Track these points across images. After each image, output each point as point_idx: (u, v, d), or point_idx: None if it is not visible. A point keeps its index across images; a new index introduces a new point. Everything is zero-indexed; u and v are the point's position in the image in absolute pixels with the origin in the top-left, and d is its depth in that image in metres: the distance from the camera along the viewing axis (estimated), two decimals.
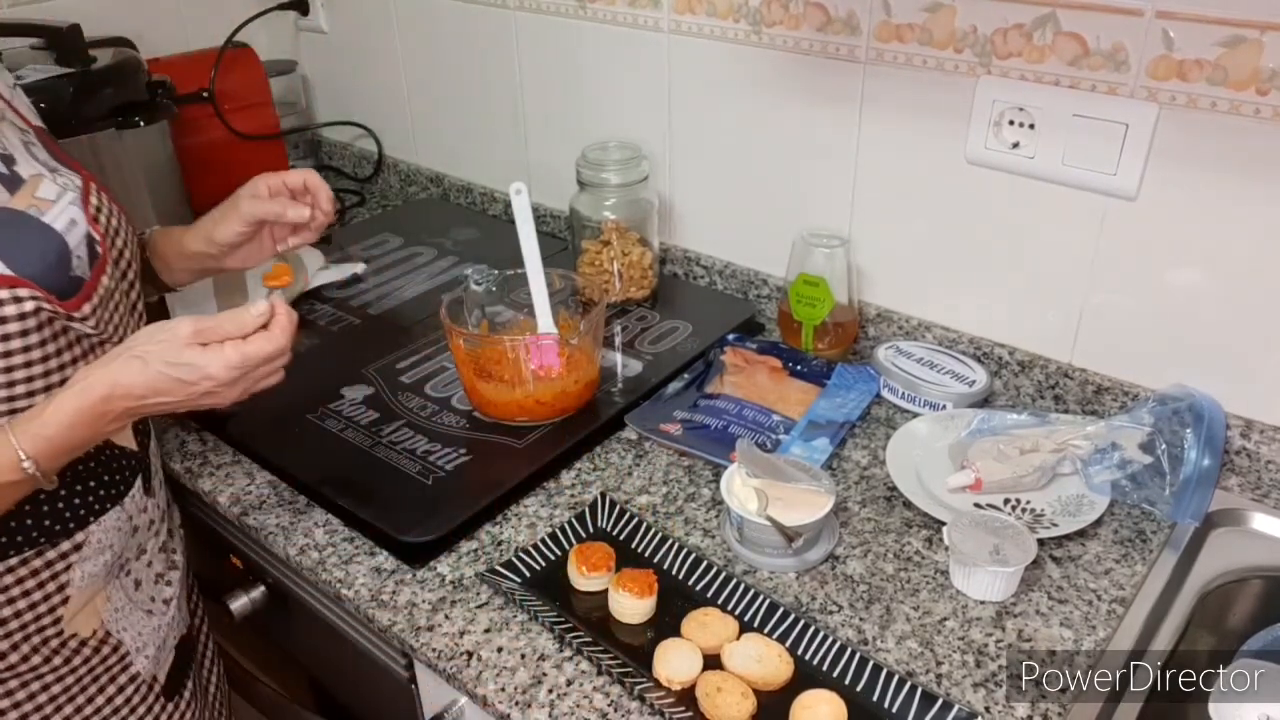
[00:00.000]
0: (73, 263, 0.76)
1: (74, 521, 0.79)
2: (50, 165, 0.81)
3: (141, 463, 0.86)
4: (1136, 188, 0.94)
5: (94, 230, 0.79)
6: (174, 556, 0.94)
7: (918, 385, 1.07)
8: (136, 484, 0.85)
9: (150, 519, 0.89)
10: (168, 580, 0.92)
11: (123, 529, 0.84)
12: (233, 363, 0.73)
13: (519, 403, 1.02)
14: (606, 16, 1.28)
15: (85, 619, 0.83)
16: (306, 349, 1.21)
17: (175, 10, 1.63)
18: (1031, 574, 0.85)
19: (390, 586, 0.87)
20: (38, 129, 0.85)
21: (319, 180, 0.93)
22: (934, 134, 1.05)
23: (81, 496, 0.79)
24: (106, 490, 0.81)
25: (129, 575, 0.87)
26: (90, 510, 0.80)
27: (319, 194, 0.93)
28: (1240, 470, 0.98)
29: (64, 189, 0.78)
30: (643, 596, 0.81)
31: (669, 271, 1.38)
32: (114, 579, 0.85)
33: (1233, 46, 0.85)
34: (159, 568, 0.91)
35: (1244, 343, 0.94)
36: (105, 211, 0.82)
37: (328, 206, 0.94)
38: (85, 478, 0.79)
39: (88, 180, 0.82)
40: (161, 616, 0.90)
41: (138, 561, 0.88)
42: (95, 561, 0.81)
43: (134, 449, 0.85)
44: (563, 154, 1.32)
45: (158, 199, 1.44)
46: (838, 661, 0.77)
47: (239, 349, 0.73)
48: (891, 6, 1.03)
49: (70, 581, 0.80)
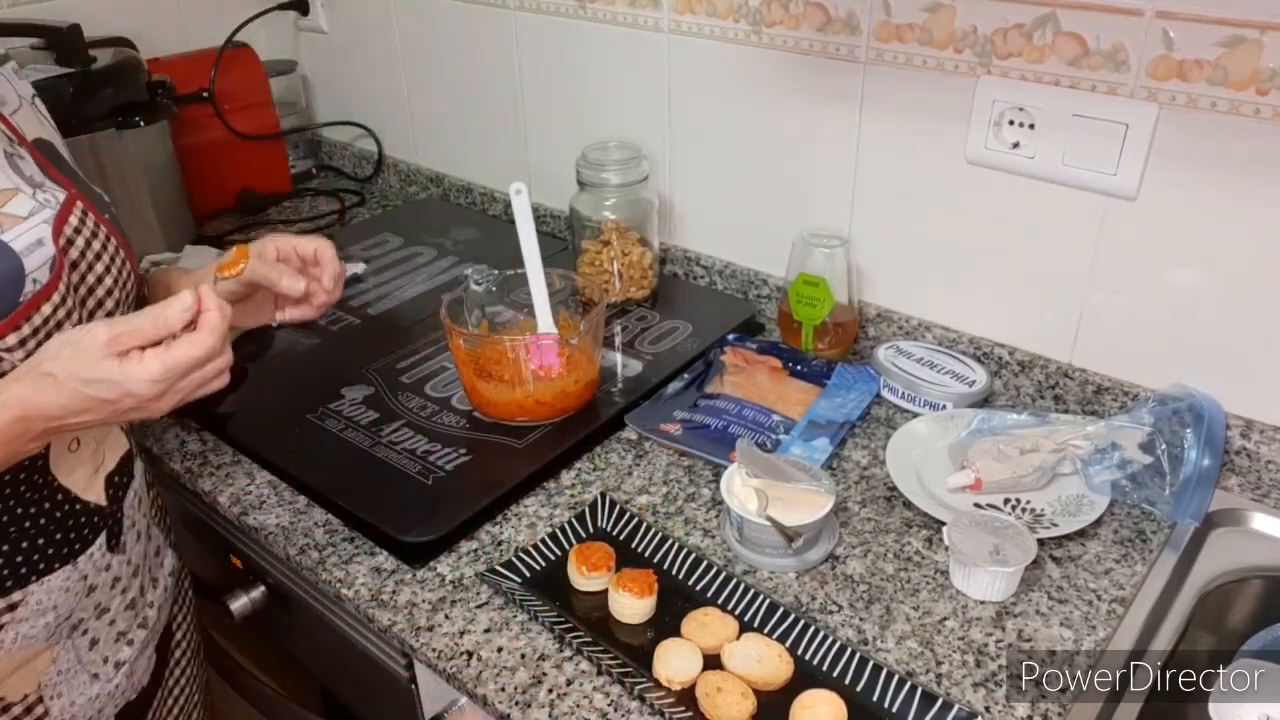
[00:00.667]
0: (26, 285, 0.68)
1: (11, 579, 0.72)
2: (35, 180, 0.74)
3: (110, 518, 0.79)
4: (1136, 188, 0.94)
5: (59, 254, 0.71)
6: (146, 613, 0.86)
7: (918, 385, 1.07)
8: (98, 541, 0.78)
9: (115, 576, 0.81)
10: (129, 639, 0.84)
11: (73, 589, 0.76)
12: (154, 375, 0.65)
13: (519, 403, 1.02)
14: (606, 16, 1.28)
15: (18, 682, 0.75)
16: (306, 349, 1.21)
17: (175, 10, 1.63)
18: (1031, 574, 0.85)
19: (390, 586, 0.87)
20: (35, 142, 0.78)
21: (331, 254, 0.85)
22: (934, 134, 1.05)
23: (25, 554, 0.72)
24: (56, 549, 0.74)
25: (84, 635, 0.79)
26: (33, 568, 0.73)
27: (326, 269, 0.85)
28: (1240, 470, 0.98)
29: (42, 206, 0.72)
30: (643, 596, 0.81)
31: (669, 271, 1.38)
32: (63, 640, 0.78)
33: (1233, 46, 0.85)
34: (122, 626, 0.83)
35: (1244, 343, 0.94)
36: (86, 234, 0.74)
37: (330, 285, 0.86)
38: (31, 533, 0.72)
39: (71, 199, 0.74)
40: (107, 683, 0.83)
41: (97, 621, 0.80)
42: (33, 623, 0.74)
43: (100, 503, 0.78)
44: (563, 154, 1.31)
45: (158, 199, 1.44)
46: (838, 661, 0.77)
47: (160, 359, 0.65)
48: (891, 6, 1.03)
49: (1, 644, 0.73)
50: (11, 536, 0.72)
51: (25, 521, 0.72)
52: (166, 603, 0.92)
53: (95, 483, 0.78)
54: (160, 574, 0.91)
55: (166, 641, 0.93)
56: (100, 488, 0.79)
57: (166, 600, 0.92)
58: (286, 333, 1.24)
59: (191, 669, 0.99)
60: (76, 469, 0.77)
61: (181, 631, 0.97)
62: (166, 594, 0.92)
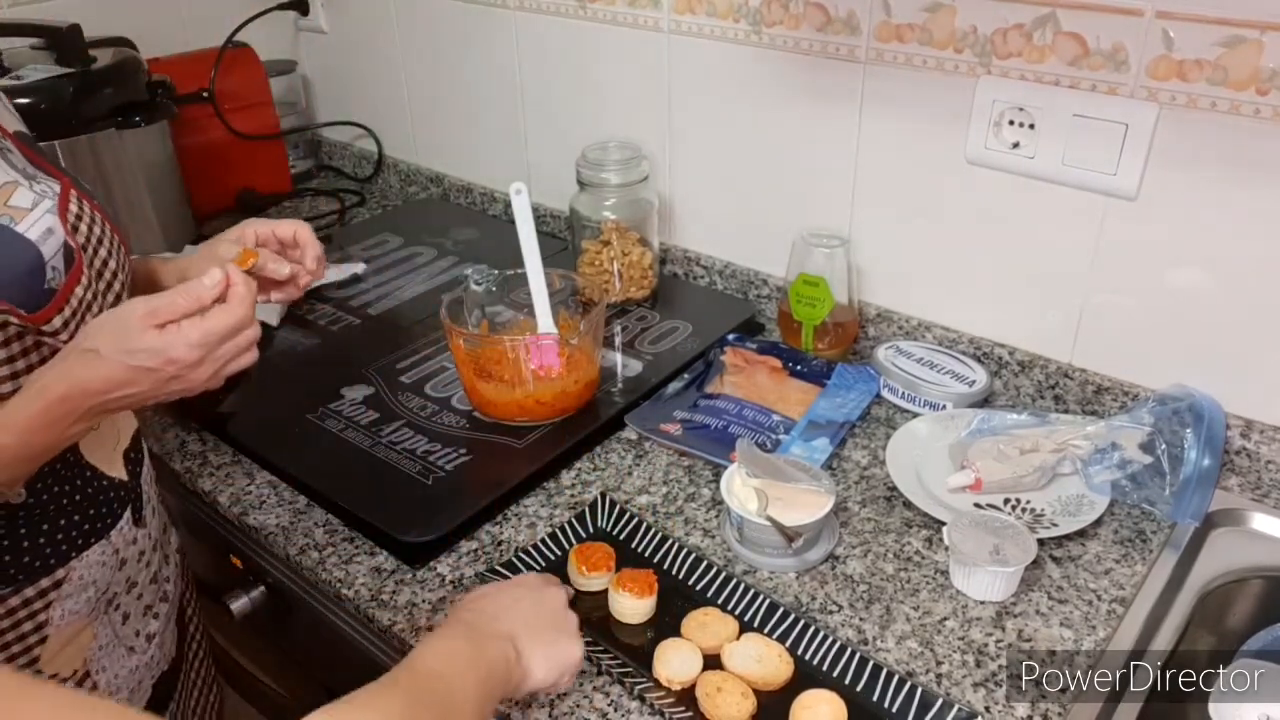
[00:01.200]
0: (47, 274, 0.71)
1: (54, 557, 0.74)
2: (28, 172, 0.76)
3: (132, 493, 0.82)
4: (1136, 188, 0.94)
5: (70, 239, 0.73)
6: (165, 587, 0.90)
7: (918, 385, 1.07)
8: (125, 515, 0.81)
9: (140, 550, 0.84)
10: (155, 613, 0.87)
11: (108, 563, 0.79)
12: (193, 340, 0.67)
13: (519, 403, 1.02)
14: (606, 16, 1.28)
15: (68, 658, 0.78)
16: (306, 349, 1.21)
17: (175, 10, 1.63)
18: (1031, 574, 0.85)
19: (390, 586, 0.87)
20: (16, 135, 0.79)
21: (310, 235, 0.86)
22: (934, 134, 1.05)
23: (64, 530, 0.75)
24: (91, 524, 0.77)
25: (118, 610, 0.82)
26: (73, 545, 0.76)
27: (307, 250, 0.86)
28: (1240, 470, 0.98)
29: (41, 196, 0.74)
30: (643, 596, 0.81)
31: (669, 271, 1.38)
32: (101, 615, 0.80)
33: (1233, 46, 0.85)
34: (148, 600, 0.86)
35: (1244, 343, 0.94)
36: (86, 220, 0.76)
37: (314, 265, 0.87)
38: (69, 510, 0.75)
39: (66, 187, 0.77)
40: (142, 655, 0.86)
41: (128, 596, 0.83)
42: (77, 599, 0.77)
43: (123, 479, 0.81)
44: (563, 154, 1.31)
45: (158, 199, 1.44)
46: (838, 661, 0.77)
47: (198, 325, 0.68)
48: (891, 6, 1.03)
49: (49, 620, 0.76)
50: (52, 515, 0.74)
51: (63, 499, 0.74)
52: (178, 578, 0.95)
53: (116, 459, 0.80)
54: (170, 550, 0.93)
55: (182, 616, 0.96)
56: (120, 464, 0.81)
57: (178, 575, 0.95)
58: (286, 333, 1.24)
59: (205, 642, 1.03)
60: (99, 447, 0.79)
61: (192, 607, 0.99)
62: (177, 569, 0.95)
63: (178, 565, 0.95)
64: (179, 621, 0.94)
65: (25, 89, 1.27)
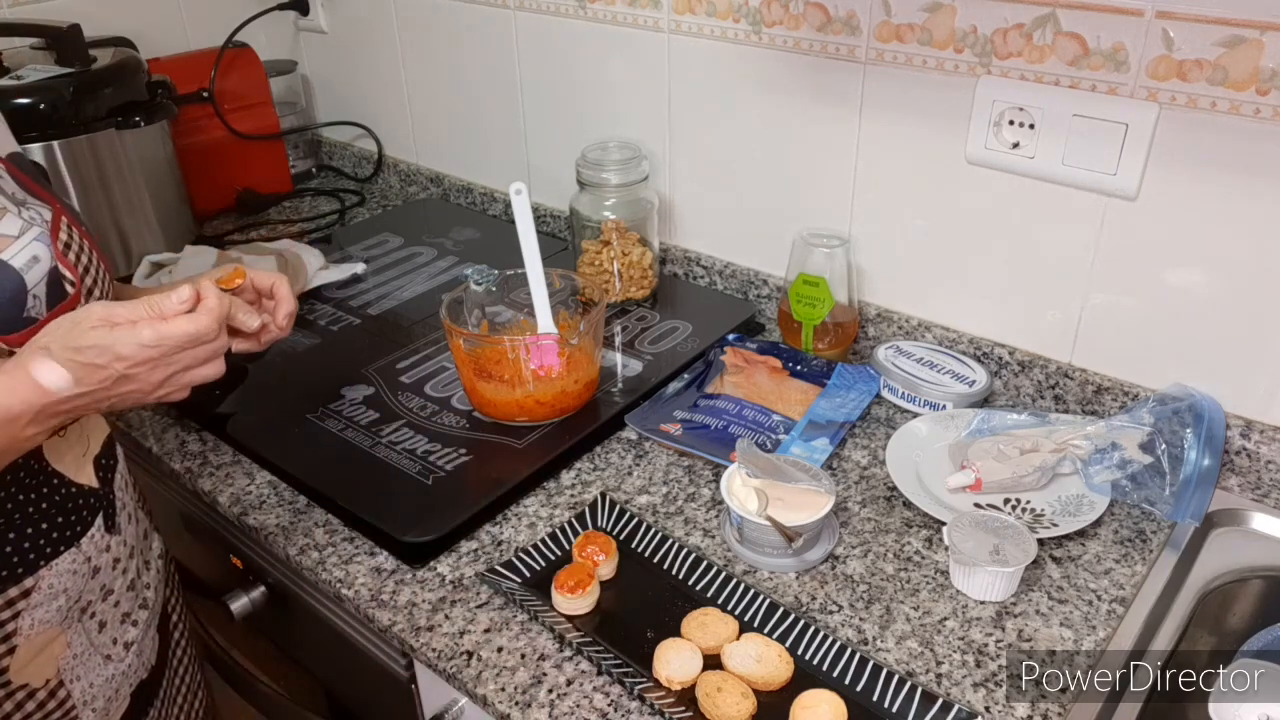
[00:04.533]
0: (28, 303, 0.69)
1: (22, 566, 0.73)
2: (17, 198, 0.74)
3: (103, 500, 0.81)
4: (1136, 188, 0.94)
5: (64, 266, 0.72)
6: (145, 594, 0.88)
7: (918, 385, 1.07)
8: (96, 523, 0.80)
9: (115, 557, 0.83)
10: (133, 620, 0.86)
11: (80, 571, 0.78)
12: (144, 339, 0.64)
13: (519, 403, 1.02)
14: (606, 16, 1.28)
15: (39, 667, 0.77)
16: (306, 349, 1.21)
17: (175, 10, 1.63)
18: (1031, 574, 0.85)
19: (390, 586, 0.87)
20: (9, 157, 0.78)
21: (287, 290, 0.83)
22: (934, 134, 1.05)
23: (31, 540, 0.74)
24: (60, 531, 0.76)
25: (93, 618, 0.81)
26: (40, 554, 0.74)
27: (281, 306, 0.82)
28: (1240, 470, 0.98)
29: (30, 224, 0.72)
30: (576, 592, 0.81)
31: (669, 271, 1.38)
32: (75, 623, 0.79)
33: (1233, 46, 0.85)
34: (126, 607, 0.85)
35: (1244, 343, 0.94)
36: (75, 247, 0.75)
37: (284, 323, 0.83)
38: (35, 519, 0.74)
39: (59, 214, 0.75)
40: (119, 663, 0.85)
41: (103, 603, 0.82)
42: (48, 608, 0.76)
43: (94, 486, 0.80)
44: (563, 154, 1.32)
45: (158, 199, 1.44)
46: (838, 661, 0.77)
47: (153, 326, 0.65)
48: (891, 6, 1.03)
49: (18, 630, 0.74)
50: (18, 523, 0.73)
51: (29, 508, 0.73)
52: (160, 585, 0.94)
53: (85, 466, 0.80)
54: (151, 556, 0.92)
55: (165, 623, 0.94)
56: (90, 471, 0.80)
57: (160, 582, 0.94)
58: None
59: (191, 649, 1.01)
60: (66, 454, 0.78)
61: (177, 614, 0.98)
62: (159, 575, 0.93)
63: (159, 572, 0.94)
64: (161, 628, 0.93)
65: (25, 89, 1.28)
